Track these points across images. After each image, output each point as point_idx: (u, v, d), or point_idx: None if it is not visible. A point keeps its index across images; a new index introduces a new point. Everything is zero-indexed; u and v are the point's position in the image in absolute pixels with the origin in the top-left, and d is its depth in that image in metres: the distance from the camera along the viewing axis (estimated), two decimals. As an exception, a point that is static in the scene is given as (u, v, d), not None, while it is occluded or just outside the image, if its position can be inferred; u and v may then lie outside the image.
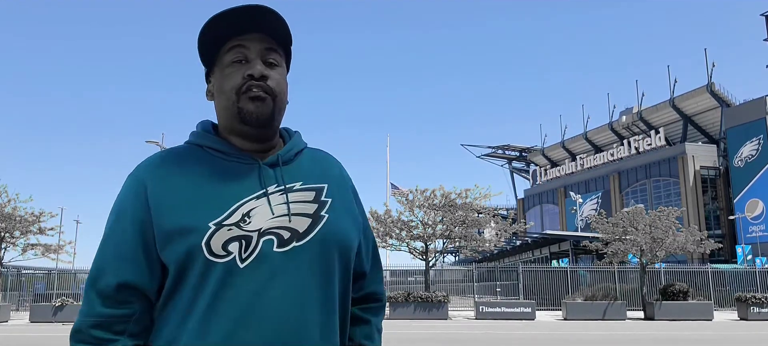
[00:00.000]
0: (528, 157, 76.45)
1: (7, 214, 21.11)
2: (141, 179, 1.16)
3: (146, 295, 1.13)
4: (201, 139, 1.22)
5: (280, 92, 1.19)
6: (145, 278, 1.12)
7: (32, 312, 20.48)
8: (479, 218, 23.75)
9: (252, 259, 1.09)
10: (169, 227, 1.10)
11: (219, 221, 1.09)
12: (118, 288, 1.10)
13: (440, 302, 21.31)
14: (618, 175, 57.34)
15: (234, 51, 1.17)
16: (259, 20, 1.17)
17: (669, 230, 23.05)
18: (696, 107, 54.70)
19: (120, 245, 1.12)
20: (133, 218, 1.13)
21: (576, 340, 13.86)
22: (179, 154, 1.20)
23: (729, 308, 25.46)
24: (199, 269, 1.08)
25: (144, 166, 1.19)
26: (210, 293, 1.08)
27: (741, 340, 14.35)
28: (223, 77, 1.18)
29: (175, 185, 1.14)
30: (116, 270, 1.11)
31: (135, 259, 1.11)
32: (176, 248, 1.09)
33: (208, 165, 1.17)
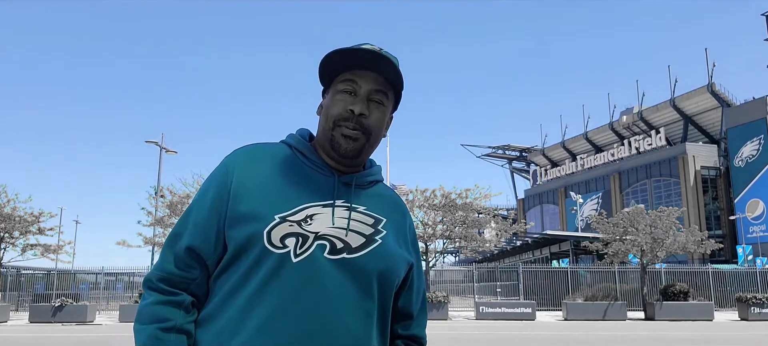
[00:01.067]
0: (528, 157, 76.47)
1: (6, 214, 21.11)
2: (231, 163, 1.29)
3: (207, 264, 1.25)
4: (293, 140, 1.36)
5: (375, 131, 1.31)
6: (210, 247, 1.24)
7: (32, 312, 20.45)
8: (479, 218, 23.73)
9: (304, 257, 1.19)
10: (242, 210, 1.22)
11: (284, 215, 1.21)
12: (187, 250, 1.24)
13: (440, 303, 21.29)
14: (618, 175, 57.34)
15: (347, 82, 1.30)
16: (375, 61, 1.28)
17: (669, 230, 23.02)
18: (696, 107, 54.70)
19: (198, 216, 1.26)
20: (213, 194, 1.27)
21: (576, 340, 13.84)
22: (270, 149, 1.34)
23: (729, 309, 25.43)
24: (255, 254, 1.19)
25: (237, 152, 1.33)
26: (260, 279, 1.18)
27: (741, 340, 14.32)
28: (331, 101, 1.31)
29: (257, 175, 1.27)
30: (189, 235, 1.25)
31: (206, 229, 1.25)
32: (241, 229, 1.20)
33: (290, 164, 1.30)
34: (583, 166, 62.17)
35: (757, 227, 45.52)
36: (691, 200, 48.83)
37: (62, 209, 39.04)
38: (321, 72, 1.34)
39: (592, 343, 13.17)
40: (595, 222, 25.04)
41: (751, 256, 41.24)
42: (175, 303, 1.22)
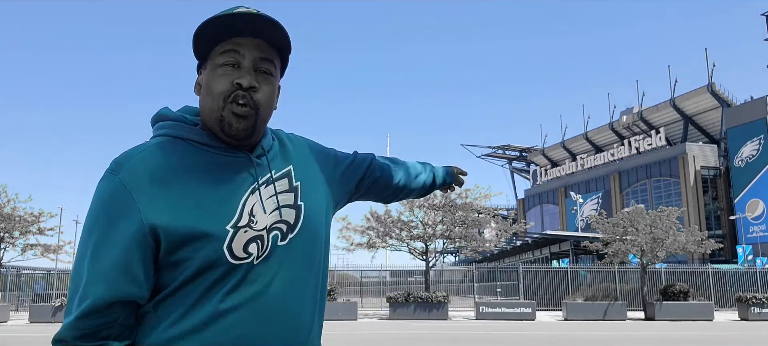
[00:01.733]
0: (528, 157, 76.43)
1: (6, 214, 21.10)
2: (128, 181, 1.09)
3: (137, 303, 1.10)
4: (182, 131, 1.18)
5: (266, 105, 1.18)
6: (143, 290, 1.08)
7: (31, 312, 20.45)
8: (479, 218, 23.72)
9: (264, 256, 1.14)
10: (183, 233, 1.07)
11: (234, 223, 1.11)
12: (112, 303, 1.05)
13: (440, 303, 21.27)
14: (618, 175, 57.31)
15: (228, 54, 1.15)
16: (257, 25, 1.14)
17: (669, 230, 23.01)
18: (696, 107, 54.67)
19: (116, 254, 1.06)
20: (128, 223, 1.07)
21: (576, 340, 13.83)
22: (164, 149, 1.15)
23: (729, 309, 25.42)
24: (220, 273, 1.09)
25: (127, 166, 1.11)
26: (226, 292, 1.10)
27: (741, 340, 14.32)
28: (213, 77, 1.16)
29: (176, 185, 1.10)
30: (112, 284, 1.05)
31: (133, 270, 1.07)
32: (194, 254, 1.08)
33: (202, 160, 1.15)
34: (583, 166, 62.14)
35: (757, 227, 45.50)
36: (691, 200, 48.81)
37: (62, 209, 39.06)
38: (195, 44, 1.18)
39: (592, 343, 13.16)
40: (595, 222, 25.03)
41: (751, 256, 41.22)
42: None
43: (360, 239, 23.26)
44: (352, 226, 23.30)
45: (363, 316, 22.08)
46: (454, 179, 1.84)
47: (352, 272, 30.54)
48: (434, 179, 1.75)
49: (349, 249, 23.36)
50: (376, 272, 28.79)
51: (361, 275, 29.38)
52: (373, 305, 26.79)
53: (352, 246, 23.29)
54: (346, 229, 23.28)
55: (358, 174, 1.47)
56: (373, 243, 23.08)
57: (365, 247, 23.19)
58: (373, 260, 34.39)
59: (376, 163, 1.54)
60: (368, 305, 27.10)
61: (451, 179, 1.83)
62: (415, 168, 1.68)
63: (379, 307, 25.68)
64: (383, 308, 24.14)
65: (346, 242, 23.29)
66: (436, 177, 1.75)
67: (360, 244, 23.22)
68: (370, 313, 23.79)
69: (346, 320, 19.88)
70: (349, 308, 21.00)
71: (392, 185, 1.58)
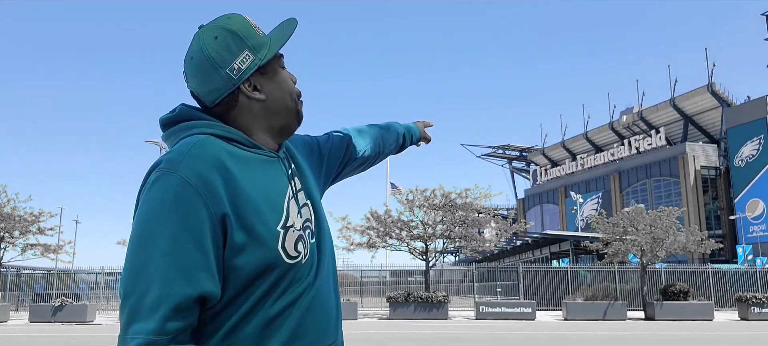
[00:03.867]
0: (528, 156, 76.44)
1: (6, 214, 21.10)
2: (191, 179, 1.05)
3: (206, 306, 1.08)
4: (229, 132, 1.17)
5: None
6: (218, 286, 1.06)
7: (31, 312, 20.46)
8: (479, 218, 23.72)
9: (309, 254, 1.19)
10: (246, 234, 1.07)
11: (283, 223, 1.14)
12: (196, 301, 1.03)
13: (440, 302, 21.28)
14: (618, 175, 57.33)
15: (281, 59, 1.27)
16: None
17: (669, 229, 23.02)
18: (696, 107, 54.68)
19: (194, 253, 1.03)
20: (200, 222, 1.04)
21: (576, 340, 13.83)
22: (213, 147, 1.12)
23: (729, 308, 25.43)
24: (277, 274, 1.11)
25: (185, 164, 1.07)
26: (279, 294, 1.12)
27: (742, 340, 14.33)
28: (280, 79, 1.25)
29: (235, 186, 1.09)
30: (195, 281, 1.02)
31: (211, 268, 1.04)
32: (251, 257, 1.08)
33: (249, 160, 1.17)
34: (583, 166, 62.15)
35: (757, 227, 45.50)
36: (691, 200, 48.82)
37: (62, 209, 39.01)
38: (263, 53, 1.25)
39: (592, 343, 13.17)
40: (595, 222, 25.03)
41: (751, 256, 41.22)
42: None
43: (360, 238, 23.27)
44: (352, 226, 23.31)
45: (363, 316, 22.09)
46: (423, 137, 1.96)
47: (352, 272, 30.55)
48: (404, 140, 1.85)
49: (349, 249, 23.36)
50: (376, 272, 28.82)
51: (361, 275, 29.40)
52: (373, 305, 26.80)
53: (352, 246, 23.29)
54: (346, 229, 23.29)
55: (338, 159, 1.55)
56: (373, 243, 23.08)
57: (365, 247, 23.19)
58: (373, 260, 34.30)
59: (352, 143, 1.60)
60: (368, 304, 27.11)
61: (419, 137, 1.94)
62: (382, 133, 1.75)
63: (379, 307, 25.70)
64: (383, 308, 24.15)
65: (346, 242, 23.30)
66: (404, 137, 1.85)
67: (360, 244, 23.23)
68: (370, 313, 23.80)
69: (346, 319, 19.87)
70: (349, 308, 21.00)
71: (367, 157, 1.67)
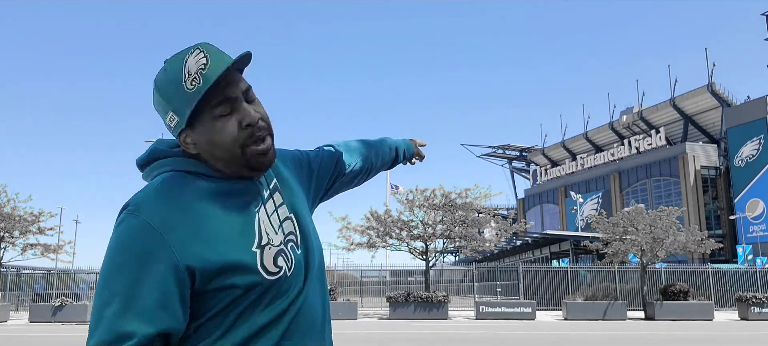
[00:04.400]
0: (528, 156, 76.44)
1: (6, 214, 21.11)
2: (153, 221, 1.06)
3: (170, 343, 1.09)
4: (191, 166, 1.16)
5: (270, 122, 1.20)
6: (182, 324, 1.07)
7: (31, 312, 20.46)
8: (479, 218, 23.72)
9: (294, 266, 1.17)
10: (217, 265, 1.07)
11: (257, 243, 1.13)
12: (154, 338, 1.03)
13: (440, 302, 21.28)
14: (618, 174, 57.32)
15: (220, 106, 1.11)
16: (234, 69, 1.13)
17: (669, 229, 23.02)
18: (696, 107, 54.67)
19: (154, 293, 1.03)
20: (160, 261, 1.04)
21: (576, 340, 13.83)
22: (176, 184, 1.13)
23: (729, 308, 25.43)
24: (260, 291, 1.11)
25: (147, 206, 1.08)
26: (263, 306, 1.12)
27: (741, 340, 14.33)
28: (212, 131, 1.12)
29: (197, 220, 1.08)
30: (153, 320, 1.02)
31: (173, 307, 1.04)
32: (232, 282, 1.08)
33: (213, 191, 1.14)
34: (583, 166, 62.14)
35: (757, 227, 45.50)
36: (691, 200, 48.81)
37: (62, 209, 38.96)
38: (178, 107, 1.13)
39: (592, 343, 13.17)
40: (595, 222, 25.03)
41: (751, 256, 41.22)
42: None
43: (360, 238, 23.27)
44: (352, 225, 23.30)
45: (363, 316, 22.09)
46: (416, 154, 1.89)
47: (352, 272, 30.54)
48: (397, 155, 1.79)
49: (349, 249, 23.35)
50: (376, 272, 28.81)
51: (361, 275, 29.40)
52: (373, 305, 26.80)
53: (352, 246, 23.28)
54: (346, 229, 23.28)
55: (328, 173, 1.51)
56: (373, 243, 23.08)
57: (365, 246, 23.19)
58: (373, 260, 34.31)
59: (342, 158, 1.55)
60: (368, 304, 27.10)
61: (412, 154, 1.87)
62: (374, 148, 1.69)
63: (379, 307, 25.69)
64: (383, 308, 24.15)
65: (346, 242, 23.30)
66: (397, 151, 1.79)
67: (360, 243, 23.22)
68: (370, 313, 23.79)
69: (346, 319, 19.88)
70: (349, 308, 21.00)
71: (358, 171, 1.62)
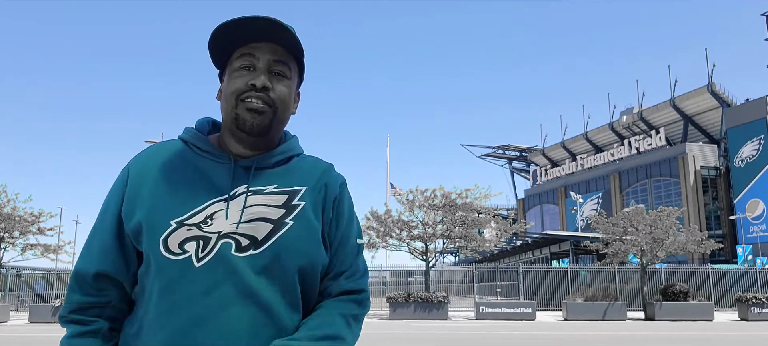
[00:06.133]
0: (528, 157, 76.44)
1: (6, 214, 21.09)
2: (127, 172, 1.22)
3: (122, 283, 1.20)
4: (186, 135, 1.26)
5: (282, 104, 1.21)
6: (120, 268, 1.18)
7: (31, 312, 20.44)
8: (479, 218, 23.71)
9: (208, 259, 1.12)
10: (136, 221, 1.15)
11: (181, 219, 1.14)
12: (95, 277, 1.17)
13: (440, 303, 21.28)
14: (618, 175, 57.32)
15: (243, 58, 1.20)
16: (269, 31, 1.18)
17: (669, 230, 23.01)
18: (696, 107, 54.67)
19: (101, 237, 1.19)
20: (113, 210, 1.20)
21: (576, 340, 13.83)
22: (167, 148, 1.25)
23: (729, 309, 25.43)
24: (156, 265, 1.13)
25: (134, 158, 1.25)
26: (162, 289, 1.12)
27: (741, 340, 14.32)
28: (229, 81, 1.20)
29: (149, 180, 1.19)
30: (95, 261, 1.18)
31: (111, 251, 1.18)
32: (142, 242, 1.15)
33: (184, 161, 1.22)
34: (583, 166, 62.15)
35: (757, 227, 45.49)
36: (691, 200, 48.80)
37: (62, 209, 39.15)
38: (212, 53, 1.23)
39: (592, 343, 13.16)
40: (595, 222, 25.03)
41: (751, 256, 41.21)
42: (91, 333, 1.16)
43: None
44: (352, 226, 23.27)
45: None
46: None
47: (351, 272, 30.42)
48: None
49: (349, 249, 23.31)
50: (376, 272, 28.80)
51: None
52: (373, 305, 26.79)
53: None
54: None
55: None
56: (373, 243, 23.08)
57: (365, 246, 23.19)
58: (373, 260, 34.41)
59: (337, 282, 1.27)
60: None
61: None
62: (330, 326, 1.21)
63: (379, 307, 25.69)
64: (383, 308, 24.15)
65: (346, 242, 23.26)
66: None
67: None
68: (370, 313, 23.78)
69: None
70: (349, 308, 20.97)
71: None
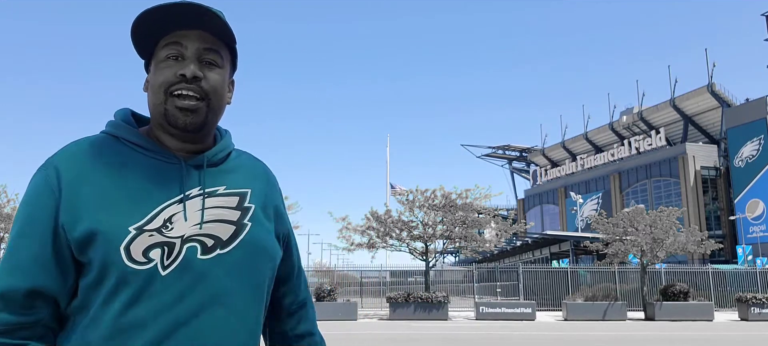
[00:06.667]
0: (528, 157, 76.44)
1: (6, 214, 21.13)
2: (55, 173, 1.07)
3: (56, 299, 1.05)
4: (120, 130, 1.14)
5: (215, 95, 1.13)
6: (57, 283, 1.04)
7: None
8: (479, 219, 23.71)
9: (175, 266, 1.04)
10: (86, 229, 1.03)
11: (140, 225, 1.04)
12: (26, 295, 1.02)
13: (440, 303, 21.28)
14: (618, 175, 57.32)
15: (170, 46, 1.11)
16: (197, 17, 1.10)
17: (669, 230, 23.02)
18: (696, 107, 54.66)
19: (30, 250, 1.04)
20: (45, 216, 1.05)
21: (576, 340, 13.83)
22: (97, 145, 1.12)
23: (729, 309, 25.43)
24: (116, 277, 1.02)
25: (58, 158, 1.10)
26: (126, 302, 1.01)
27: (741, 340, 14.32)
28: (156, 72, 1.12)
29: (93, 182, 1.07)
30: (27, 276, 1.02)
31: (45, 262, 1.04)
32: (94, 252, 1.02)
33: (129, 161, 1.11)
34: (583, 167, 62.14)
35: (757, 227, 45.48)
36: (691, 200, 48.80)
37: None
38: (136, 43, 1.14)
39: (592, 343, 13.16)
40: (595, 222, 25.03)
41: (751, 256, 41.20)
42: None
43: (360, 239, 23.26)
44: (352, 226, 23.30)
45: (363, 316, 22.08)
46: None
47: (351, 272, 30.50)
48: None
49: (349, 249, 23.34)
50: (376, 272, 28.79)
51: (360, 275, 29.37)
52: (373, 305, 26.78)
53: (352, 246, 23.27)
54: (346, 229, 23.27)
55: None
56: (373, 243, 23.07)
57: (365, 247, 23.18)
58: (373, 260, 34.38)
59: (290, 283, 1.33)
60: (368, 305, 27.09)
61: None
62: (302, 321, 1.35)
63: (379, 307, 25.68)
64: (383, 308, 24.14)
65: (346, 242, 23.28)
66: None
67: (360, 244, 23.21)
68: (370, 313, 23.79)
69: (346, 320, 19.88)
70: (348, 308, 21.00)
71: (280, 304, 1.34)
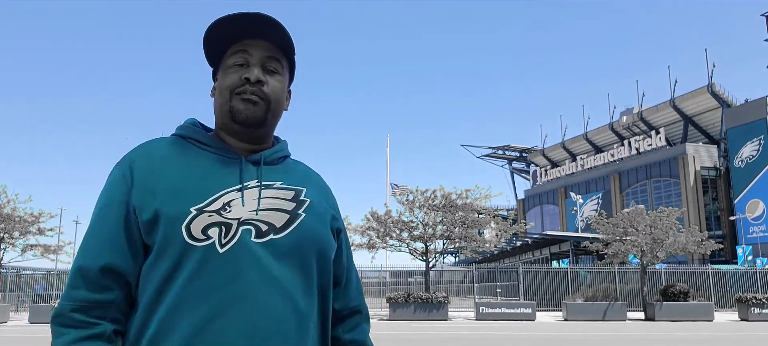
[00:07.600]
0: (528, 157, 76.46)
1: (6, 214, 21.09)
2: (129, 166, 1.18)
3: (128, 280, 1.13)
4: (186, 131, 1.26)
5: (275, 99, 1.25)
6: (127, 261, 1.13)
7: (32, 313, 20.44)
8: (479, 219, 23.72)
9: (231, 245, 1.12)
10: (153, 211, 1.12)
11: (200, 206, 1.13)
12: (101, 272, 1.11)
13: (440, 303, 21.28)
14: (618, 175, 57.33)
15: (237, 55, 1.23)
16: (262, 28, 1.23)
17: (669, 230, 23.02)
18: (696, 107, 54.68)
19: (105, 230, 1.14)
20: (119, 202, 1.15)
21: (576, 341, 13.83)
22: (166, 143, 1.24)
23: (730, 309, 25.43)
24: (176, 252, 1.10)
25: (133, 153, 1.22)
26: (185, 277, 1.09)
27: (741, 341, 14.32)
28: (223, 77, 1.24)
29: (161, 172, 1.17)
30: (102, 254, 1.12)
31: (118, 243, 1.13)
32: (159, 232, 1.11)
33: (193, 156, 1.22)
34: (583, 167, 62.15)
35: (757, 228, 45.49)
36: (691, 201, 48.81)
37: (62, 210, 39.43)
38: (206, 50, 1.27)
39: (592, 343, 13.16)
40: (595, 222, 25.03)
41: (751, 256, 41.22)
42: (96, 336, 1.07)
43: (360, 239, 23.26)
44: (353, 226, 23.30)
45: (363, 316, 22.06)
46: None
47: (352, 273, 30.37)
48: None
49: (349, 249, 23.32)
50: (376, 273, 28.81)
51: (360, 275, 29.31)
52: (373, 306, 26.79)
53: (352, 246, 23.19)
54: (346, 229, 23.23)
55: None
56: (373, 243, 23.08)
57: (365, 247, 23.19)
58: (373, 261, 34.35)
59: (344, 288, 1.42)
60: (368, 305, 26.49)
61: None
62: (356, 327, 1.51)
63: (379, 307, 25.69)
64: (383, 309, 24.15)
65: (346, 243, 23.26)
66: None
67: (360, 244, 23.22)
68: (371, 313, 23.68)
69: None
70: (349, 309, 20.97)
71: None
